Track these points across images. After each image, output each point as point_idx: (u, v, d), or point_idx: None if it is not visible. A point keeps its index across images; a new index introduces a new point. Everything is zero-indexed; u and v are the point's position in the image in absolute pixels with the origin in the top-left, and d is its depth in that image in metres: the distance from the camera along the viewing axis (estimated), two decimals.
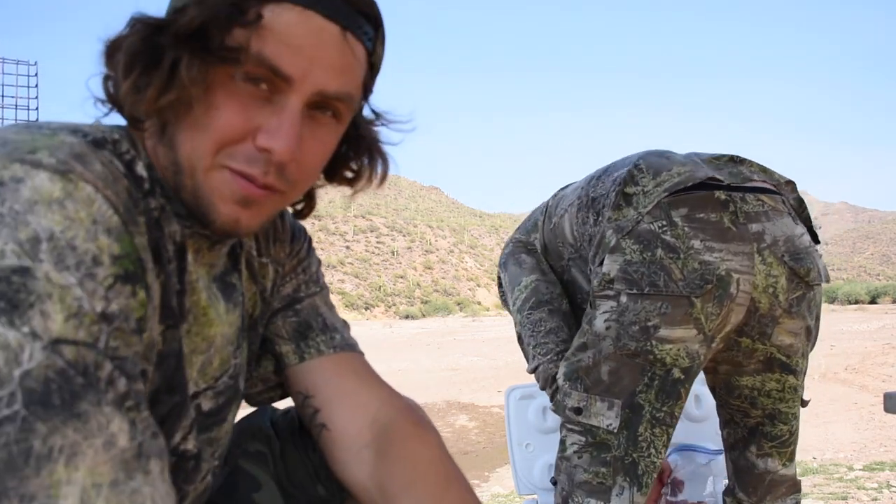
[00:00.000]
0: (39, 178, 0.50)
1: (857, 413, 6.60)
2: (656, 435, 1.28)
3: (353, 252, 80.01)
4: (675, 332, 1.23)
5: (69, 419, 0.46)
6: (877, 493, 3.52)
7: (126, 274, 0.53)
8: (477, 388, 8.89)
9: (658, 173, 1.32)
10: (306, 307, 0.83)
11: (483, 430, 6.34)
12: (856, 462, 4.48)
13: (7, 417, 0.44)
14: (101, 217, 0.52)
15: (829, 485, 3.79)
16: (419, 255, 79.17)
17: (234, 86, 0.58)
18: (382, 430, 0.78)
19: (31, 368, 0.45)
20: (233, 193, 0.60)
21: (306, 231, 0.88)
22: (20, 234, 0.48)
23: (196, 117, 0.59)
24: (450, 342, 19.39)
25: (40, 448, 0.44)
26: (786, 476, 1.43)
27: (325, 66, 0.60)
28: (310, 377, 0.80)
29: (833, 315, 30.78)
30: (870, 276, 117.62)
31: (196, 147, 0.59)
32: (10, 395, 0.44)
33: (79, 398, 0.47)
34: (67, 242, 0.49)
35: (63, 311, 0.48)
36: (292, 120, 0.59)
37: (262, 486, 0.82)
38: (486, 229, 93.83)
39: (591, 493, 1.28)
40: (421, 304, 63.08)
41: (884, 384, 8.18)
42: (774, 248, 1.26)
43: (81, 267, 0.50)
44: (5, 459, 0.43)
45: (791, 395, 1.38)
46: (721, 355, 1.36)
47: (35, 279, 0.47)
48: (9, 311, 0.46)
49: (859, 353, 12.14)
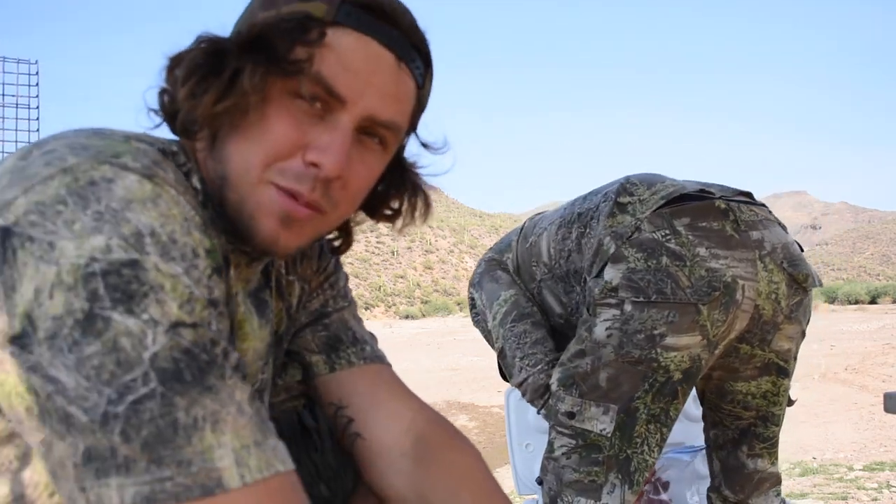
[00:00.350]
0: (129, 178, 0.52)
1: (857, 413, 6.60)
2: (650, 432, 1.28)
3: (353, 252, 79.74)
4: (681, 339, 1.23)
5: (204, 391, 0.49)
6: (877, 493, 3.52)
7: (217, 267, 0.56)
8: (477, 388, 8.90)
9: (652, 184, 1.35)
10: (335, 321, 0.84)
11: (483, 430, 6.35)
12: (856, 462, 4.48)
13: (146, 395, 0.47)
14: (188, 215, 0.54)
15: (829, 485, 3.79)
16: (419, 255, 79.17)
17: (289, 102, 0.60)
18: (419, 439, 0.78)
19: (157, 350, 0.48)
20: (276, 211, 0.61)
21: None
22: (123, 230, 0.50)
23: (249, 128, 0.60)
24: (450, 342, 19.40)
25: (185, 419, 0.48)
26: (773, 473, 1.46)
27: (378, 92, 0.62)
28: (342, 387, 0.80)
29: (833, 315, 30.81)
30: (870, 276, 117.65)
31: (247, 159, 0.60)
32: (144, 375, 0.47)
33: (207, 373, 0.50)
34: (168, 236, 0.52)
35: (177, 299, 0.50)
36: (343, 138, 0.61)
37: None
38: (486, 229, 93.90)
39: (582, 491, 1.28)
40: (421, 304, 63.09)
41: (884, 384, 8.18)
42: (774, 255, 1.28)
43: (185, 258, 0.52)
44: (155, 432, 0.47)
45: (783, 397, 1.40)
46: (717, 361, 1.36)
47: (146, 270, 0.50)
48: (126, 301, 0.48)
49: (859, 353, 12.14)
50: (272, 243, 0.63)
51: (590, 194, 1.48)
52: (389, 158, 0.69)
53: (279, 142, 0.60)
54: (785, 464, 4.57)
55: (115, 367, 0.47)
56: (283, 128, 0.60)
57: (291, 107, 0.60)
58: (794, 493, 3.66)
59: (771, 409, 1.40)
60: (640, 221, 1.27)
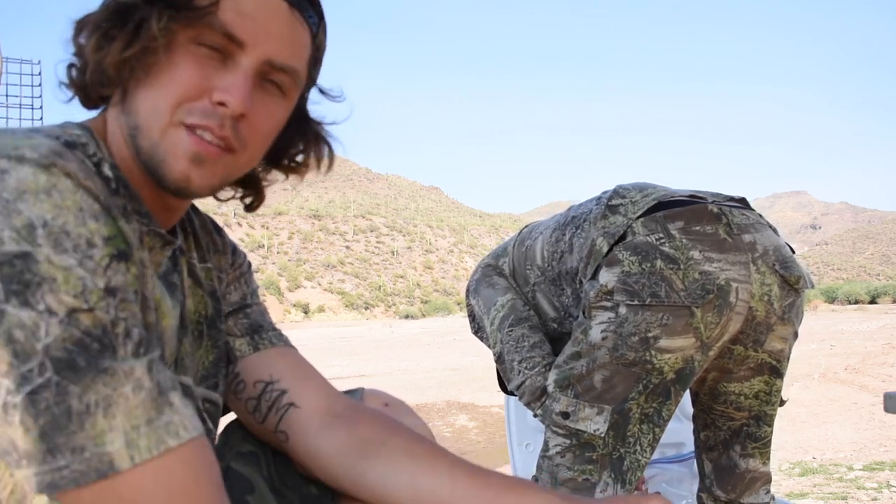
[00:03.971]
0: (24, 170, 0.53)
1: (857, 413, 6.59)
2: (643, 432, 1.29)
3: (353, 252, 79.94)
4: (675, 342, 1.24)
5: (98, 376, 0.51)
6: (877, 493, 3.52)
7: (119, 252, 0.57)
8: (477, 388, 8.89)
9: (643, 189, 1.39)
10: (254, 311, 0.89)
11: (483, 430, 6.35)
12: (856, 462, 4.48)
13: (41, 385, 0.49)
14: (86, 205, 0.55)
15: (829, 485, 3.79)
16: (419, 255, 79.16)
17: (193, 48, 0.64)
18: (348, 404, 0.83)
19: (51, 342, 0.50)
20: (187, 151, 0.64)
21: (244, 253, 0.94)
22: (15, 222, 0.51)
23: (156, 76, 0.63)
24: (450, 342, 19.40)
25: (78, 406, 0.50)
26: (764, 473, 1.47)
27: (274, 37, 0.67)
28: (268, 366, 0.84)
29: (833, 315, 30.78)
30: (870, 276, 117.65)
31: (156, 105, 0.63)
32: (40, 365, 0.49)
33: (101, 357, 0.52)
34: (61, 228, 0.52)
35: (70, 290, 0.51)
36: (245, 78, 0.65)
37: (255, 488, 0.82)
38: (486, 229, 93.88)
39: (575, 489, 1.30)
40: (421, 303, 63.08)
41: (884, 384, 8.18)
42: (766, 258, 1.29)
43: (78, 249, 0.53)
44: (50, 421, 0.49)
45: (776, 397, 1.41)
46: (711, 363, 1.37)
47: (38, 262, 0.51)
48: (19, 293, 0.50)
49: (859, 353, 12.14)
50: (185, 182, 0.66)
51: (585, 201, 1.52)
52: (291, 107, 0.73)
53: (186, 84, 0.63)
54: (785, 464, 4.57)
55: (11, 357, 0.49)
56: (188, 71, 0.63)
57: (196, 52, 0.64)
58: (794, 493, 3.66)
59: (763, 409, 1.41)
60: (631, 221, 1.30)
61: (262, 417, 0.82)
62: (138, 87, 0.64)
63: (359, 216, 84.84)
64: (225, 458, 0.84)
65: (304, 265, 74.05)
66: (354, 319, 53.78)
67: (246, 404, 0.83)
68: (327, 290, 70.46)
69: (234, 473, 0.83)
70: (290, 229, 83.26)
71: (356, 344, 19.57)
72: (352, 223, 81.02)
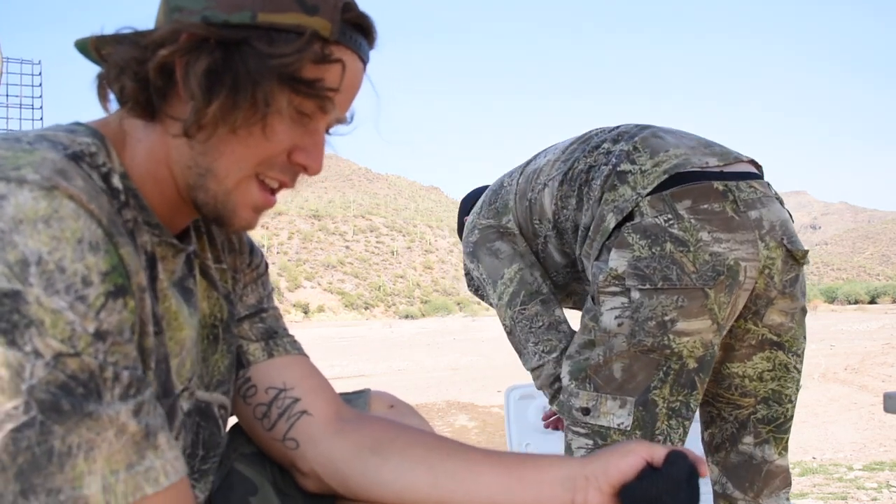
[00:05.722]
0: (23, 195, 0.52)
1: (857, 413, 6.59)
2: (672, 427, 1.26)
3: (353, 252, 79.89)
4: (692, 324, 1.23)
5: (82, 420, 0.51)
6: (877, 493, 3.52)
7: (116, 288, 0.55)
8: (477, 388, 8.88)
9: (655, 153, 1.31)
10: (270, 316, 0.88)
11: (483, 430, 6.34)
12: (856, 462, 4.48)
13: (25, 424, 0.49)
14: (87, 232, 0.54)
15: (829, 485, 3.79)
16: (419, 255, 79.15)
17: (287, 112, 0.65)
18: (354, 412, 0.85)
19: (35, 383, 0.49)
20: (254, 202, 0.68)
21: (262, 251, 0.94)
22: (8, 256, 0.50)
23: (249, 133, 0.64)
24: (449, 342, 19.39)
25: (60, 446, 0.50)
26: (781, 467, 1.41)
27: (351, 100, 0.70)
28: (282, 373, 0.83)
29: (833, 315, 30.77)
30: (870, 276, 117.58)
31: (241, 159, 0.65)
32: (26, 404, 0.49)
33: (87, 401, 0.51)
34: (56, 265, 0.51)
35: (58, 336, 0.51)
36: (322, 139, 0.69)
37: (259, 489, 0.82)
38: None
39: None
40: (421, 303, 63.07)
41: (884, 384, 8.17)
42: (773, 233, 1.28)
43: (71, 290, 0.52)
44: (30, 460, 0.49)
45: (783, 372, 1.37)
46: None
47: (27, 304, 0.50)
48: (8, 332, 0.49)
49: (859, 353, 12.13)
50: (245, 228, 0.70)
51: (585, 144, 1.43)
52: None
53: (275, 149, 0.66)
54: None
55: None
56: (281, 136, 0.65)
57: (290, 115, 0.65)
58: (793, 493, 3.66)
59: (771, 387, 1.36)
60: (639, 198, 1.26)
61: (271, 424, 0.81)
62: (226, 136, 0.63)
63: (359, 216, 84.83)
64: (229, 459, 0.84)
65: (303, 265, 74.00)
66: (354, 319, 53.73)
67: (255, 410, 0.82)
68: (327, 290, 70.45)
69: (237, 475, 0.83)
70: (289, 229, 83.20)
71: (356, 344, 19.56)
72: (351, 223, 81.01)
